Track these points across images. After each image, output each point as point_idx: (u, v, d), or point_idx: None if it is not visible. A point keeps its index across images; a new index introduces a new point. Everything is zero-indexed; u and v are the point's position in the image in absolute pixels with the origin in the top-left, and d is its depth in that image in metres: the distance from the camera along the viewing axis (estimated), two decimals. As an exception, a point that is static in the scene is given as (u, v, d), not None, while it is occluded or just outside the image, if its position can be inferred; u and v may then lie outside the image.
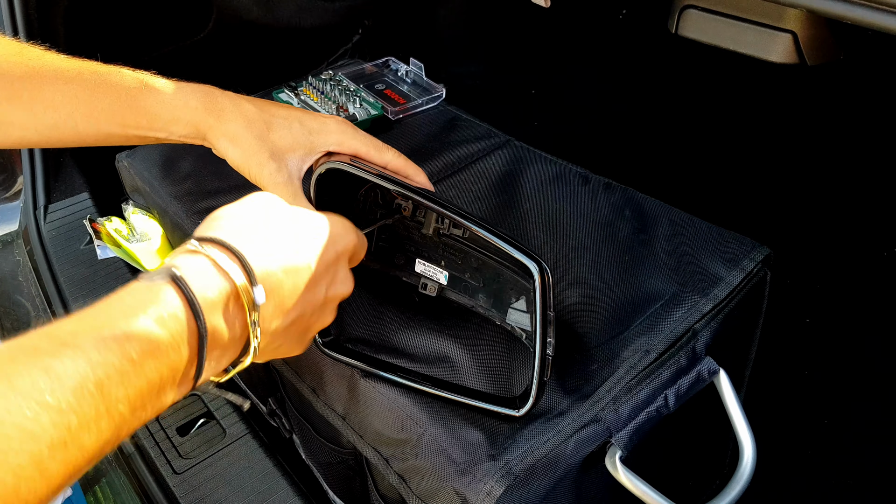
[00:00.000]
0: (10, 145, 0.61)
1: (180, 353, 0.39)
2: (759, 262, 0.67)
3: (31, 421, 0.32)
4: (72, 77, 0.59)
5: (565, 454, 0.53)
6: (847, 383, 0.97)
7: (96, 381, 0.34)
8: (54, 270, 1.02)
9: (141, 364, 0.37)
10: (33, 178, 1.12)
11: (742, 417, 0.61)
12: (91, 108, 0.59)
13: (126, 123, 0.60)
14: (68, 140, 0.61)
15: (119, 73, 0.60)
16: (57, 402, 0.33)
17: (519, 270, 0.59)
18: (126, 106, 0.59)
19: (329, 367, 0.62)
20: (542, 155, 0.83)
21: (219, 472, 0.79)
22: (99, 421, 0.35)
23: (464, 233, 0.62)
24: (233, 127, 0.60)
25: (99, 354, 0.35)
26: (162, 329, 0.38)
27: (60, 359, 0.34)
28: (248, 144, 0.59)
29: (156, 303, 0.39)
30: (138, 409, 0.37)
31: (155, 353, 0.37)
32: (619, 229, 0.71)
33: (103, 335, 0.36)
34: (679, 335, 0.60)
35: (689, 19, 0.68)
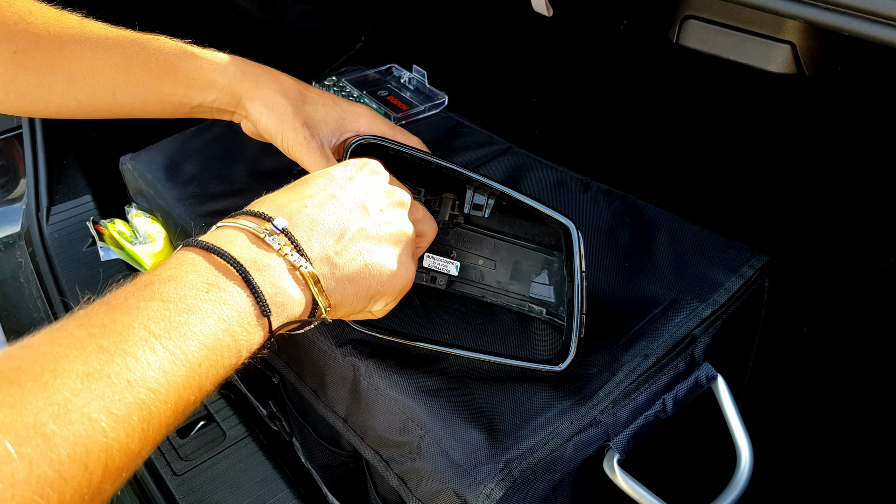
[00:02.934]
0: (49, 114, 0.62)
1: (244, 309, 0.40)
2: (757, 270, 0.67)
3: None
4: (111, 45, 0.60)
5: (564, 457, 0.53)
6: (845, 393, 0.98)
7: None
8: (56, 272, 1.02)
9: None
10: (36, 179, 1.12)
11: (740, 424, 0.61)
12: (130, 74, 0.60)
13: (163, 90, 0.61)
14: (106, 108, 0.62)
15: (158, 40, 0.61)
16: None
17: (542, 245, 0.62)
18: (164, 71, 0.60)
19: (331, 369, 0.63)
20: (543, 162, 0.84)
21: (218, 474, 0.79)
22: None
23: (483, 214, 0.63)
24: (269, 93, 0.61)
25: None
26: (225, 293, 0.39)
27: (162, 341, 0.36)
28: (284, 110, 0.60)
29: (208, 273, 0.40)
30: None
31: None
32: (619, 236, 0.72)
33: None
34: (678, 340, 0.61)
35: (689, 30, 0.69)
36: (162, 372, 0.35)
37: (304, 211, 0.46)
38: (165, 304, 0.37)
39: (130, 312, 0.36)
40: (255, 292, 0.40)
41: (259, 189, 0.59)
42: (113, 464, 0.32)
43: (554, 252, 0.63)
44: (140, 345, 0.35)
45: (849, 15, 0.50)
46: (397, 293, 0.52)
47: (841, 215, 0.96)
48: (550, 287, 0.63)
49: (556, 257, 0.63)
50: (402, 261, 0.51)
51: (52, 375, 0.32)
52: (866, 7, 0.48)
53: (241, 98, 0.61)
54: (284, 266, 0.43)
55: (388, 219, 0.51)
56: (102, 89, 0.60)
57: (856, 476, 0.94)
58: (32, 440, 0.29)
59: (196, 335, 0.37)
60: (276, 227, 0.43)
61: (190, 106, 0.62)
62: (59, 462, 0.30)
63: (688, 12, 0.68)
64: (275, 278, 0.42)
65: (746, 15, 0.63)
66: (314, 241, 0.45)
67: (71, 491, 0.30)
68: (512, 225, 0.65)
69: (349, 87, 0.99)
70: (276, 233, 0.43)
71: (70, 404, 0.31)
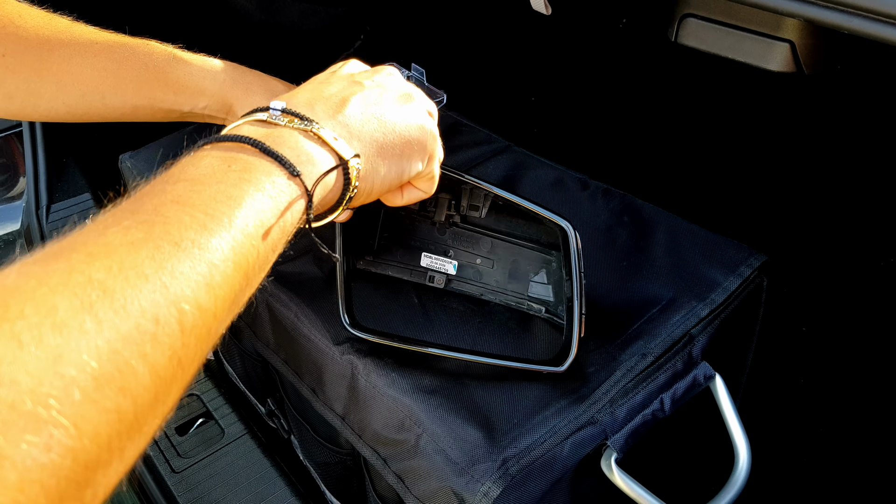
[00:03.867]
0: (38, 118, 0.62)
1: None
2: (756, 269, 0.67)
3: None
4: (101, 49, 0.60)
5: (562, 455, 0.53)
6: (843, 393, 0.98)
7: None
8: (55, 270, 1.02)
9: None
10: (36, 177, 1.12)
11: (738, 423, 0.61)
12: (119, 79, 0.60)
13: (153, 96, 0.60)
14: (95, 113, 0.61)
15: (147, 45, 0.61)
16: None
17: (540, 244, 0.62)
18: (154, 77, 0.60)
19: (329, 367, 0.63)
20: (541, 160, 0.84)
21: (217, 471, 0.80)
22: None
23: (480, 214, 0.63)
24: (259, 100, 0.60)
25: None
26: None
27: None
28: None
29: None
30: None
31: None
32: (617, 235, 0.72)
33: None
34: (676, 339, 0.61)
35: (688, 28, 0.68)
36: (207, 233, 0.34)
37: (297, 95, 0.47)
38: (191, 183, 0.37)
39: (157, 195, 0.35)
40: (275, 156, 0.40)
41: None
42: (188, 320, 0.31)
43: (552, 251, 0.63)
44: (177, 215, 0.34)
45: (848, 13, 0.50)
46: (426, 146, 0.51)
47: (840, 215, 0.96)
48: (549, 286, 0.63)
49: (554, 256, 0.63)
50: (414, 112, 0.51)
51: (95, 246, 0.31)
52: (865, 5, 0.48)
53: (232, 106, 0.61)
54: (297, 133, 0.43)
55: (383, 81, 0.51)
56: (91, 94, 0.60)
57: (854, 475, 0.94)
58: (93, 294, 0.28)
59: (231, 199, 0.36)
60: (276, 109, 0.43)
61: (180, 112, 0.62)
62: (127, 314, 0.29)
63: (686, 10, 0.68)
64: (292, 143, 0.42)
65: (745, 13, 0.63)
66: (317, 110, 0.45)
67: (150, 343, 0.29)
68: (509, 224, 0.65)
69: (348, 85, 0.99)
70: (278, 113, 0.43)
71: (122, 264, 0.30)
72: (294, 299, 0.66)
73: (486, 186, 0.60)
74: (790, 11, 0.52)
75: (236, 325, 0.78)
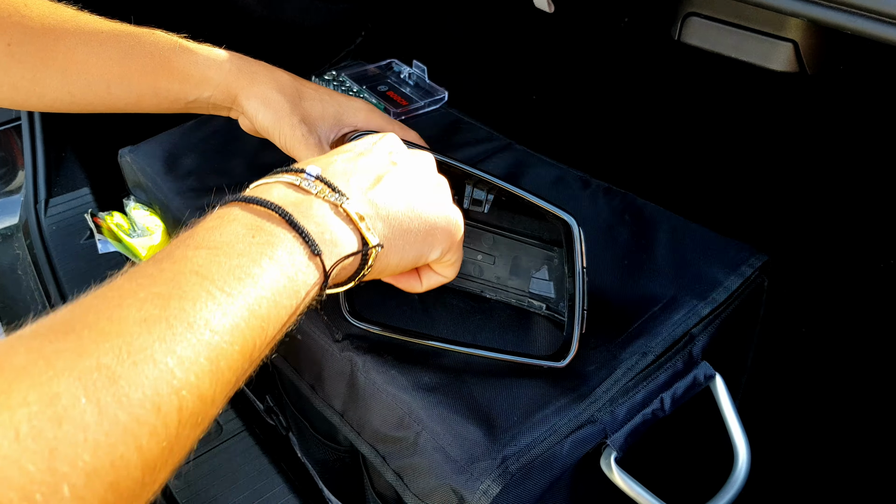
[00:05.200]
0: (43, 108, 0.61)
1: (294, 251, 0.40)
2: (757, 269, 0.67)
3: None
4: (107, 38, 0.60)
5: (561, 454, 0.53)
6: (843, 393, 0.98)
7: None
8: (54, 264, 1.02)
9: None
10: (35, 172, 1.12)
11: (737, 423, 0.61)
12: (125, 68, 0.60)
13: (158, 85, 0.60)
14: (100, 103, 0.61)
15: (153, 35, 0.61)
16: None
17: (542, 241, 0.63)
18: (159, 66, 0.60)
19: (328, 364, 0.63)
20: (542, 158, 0.84)
21: (214, 468, 0.79)
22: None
23: (483, 209, 0.63)
24: (265, 90, 0.60)
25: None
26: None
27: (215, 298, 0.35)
28: (280, 107, 0.60)
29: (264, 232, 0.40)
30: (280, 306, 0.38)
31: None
32: (618, 233, 0.72)
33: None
34: (676, 338, 0.60)
35: (691, 27, 0.68)
36: (221, 314, 0.34)
37: (335, 164, 0.46)
38: (213, 252, 0.37)
39: (178, 262, 0.36)
40: (300, 231, 0.40)
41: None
42: (187, 408, 0.32)
43: (554, 248, 0.63)
44: (194, 289, 0.34)
45: (851, 13, 0.49)
46: (450, 235, 0.51)
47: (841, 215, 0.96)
48: (550, 283, 0.63)
49: (556, 253, 0.63)
50: (443, 200, 0.51)
51: (108, 322, 0.31)
52: (868, 5, 0.48)
53: (238, 95, 0.61)
54: (326, 206, 0.42)
55: (419, 164, 0.51)
56: (97, 83, 0.60)
57: (853, 475, 0.94)
58: (98, 381, 0.28)
59: (250, 276, 0.36)
60: (311, 175, 0.43)
61: (185, 102, 0.62)
62: (130, 404, 0.29)
63: (690, 9, 0.68)
64: (319, 218, 0.42)
65: (749, 12, 0.62)
66: (351, 183, 0.45)
67: (147, 436, 0.29)
68: (511, 220, 0.65)
69: (349, 81, 0.99)
70: (312, 179, 0.43)
71: (131, 346, 0.30)
72: (294, 296, 0.66)
73: (491, 180, 0.60)
74: (793, 11, 0.52)
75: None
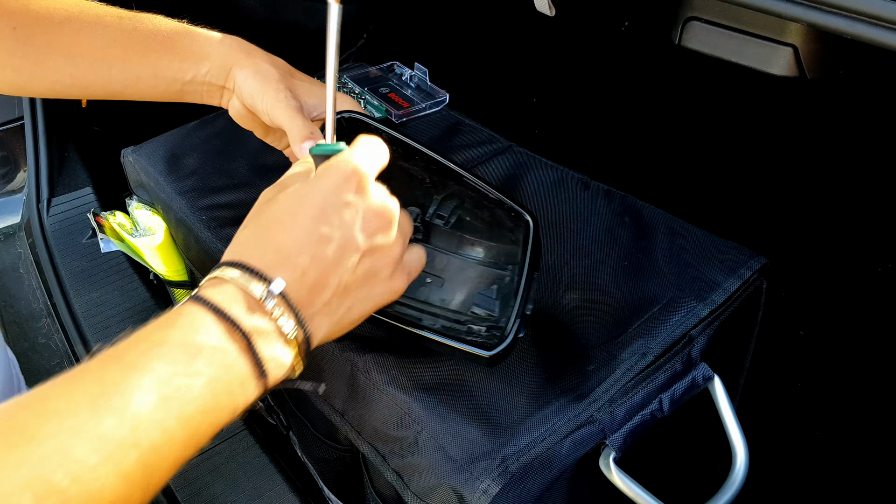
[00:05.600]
0: (42, 91, 0.63)
1: (232, 357, 0.41)
2: (755, 271, 0.68)
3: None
4: (109, 21, 0.61)
5: (561, 454, 0.53)
6: (840, 396, 0.98)
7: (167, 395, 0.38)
8: (56, 263, 1.02)
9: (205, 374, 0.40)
10: (37, 171, 1.12)
11: (735, 424, 0.61)
12: (126, 49, 0.61)
13: (158, 64, 0.62)
14: (99, 85, 0.63)
15: (155, 18, 0.63)
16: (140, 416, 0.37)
17: (496, 264, 0.62)
18: (160, 44, 0.61)
19: (328, 363, 0.63)
20: (543, 161, 0.84)
21: (215, 466, 0.80)
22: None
23: (446, 223, 0.64)
24: (259, 62, 0.62)
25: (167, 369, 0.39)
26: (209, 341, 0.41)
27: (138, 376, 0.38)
28: (270, 75, 0.61)
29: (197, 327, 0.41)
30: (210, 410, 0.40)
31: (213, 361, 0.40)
32: (618, 235, 0.72)
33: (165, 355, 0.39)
34: (675, 339, 0.61)
35: (692, 31, 0.69)
36: (165, 432, 0.37)
37: (298, 266, 0.44)
38: (174, 368, 0.39)
39: (141, 369, 0.38)
40: (257, 360, 0.42)
41: (260, 184, 0.59)
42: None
43: (507, 267, 0.63)
44: (147, 406, 0.37)
45: (851, 18, 0.50)
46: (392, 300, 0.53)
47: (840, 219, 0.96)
48: (496, 301, 0.61)
49: (509, 272, 0.63)
50: (399, 286, 0.51)
51: (54, 433, 0.34)
52: (868, 11, 0.49)
53: (232, 68, 0.62)
54: (277, 333, 0.43)
55: (381, 250, 0.48)
56: (98, 63, 0.61)
57: (852, 477, 0.94)
58: (49, 496, 0.32)
59: (199, 398, 0.39)
60: (273, 292, 0.43)
61: (183, 81, 0.63)
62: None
63: (690, 14, 0.68)
64: (272, 345, 0.43)
65: (749, 17, 0.63)
66: (316, 303, 0.45)
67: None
68: (470, 239, 0.64)
69: (351, 83, 0.99)
70: (275, 300, 0.43)
71: (80, 465, 0.34)
72: (295, 295, 0.67)
73: (454, 168, 0.59)
74: (793, 16, 0.53)
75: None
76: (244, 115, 0.64)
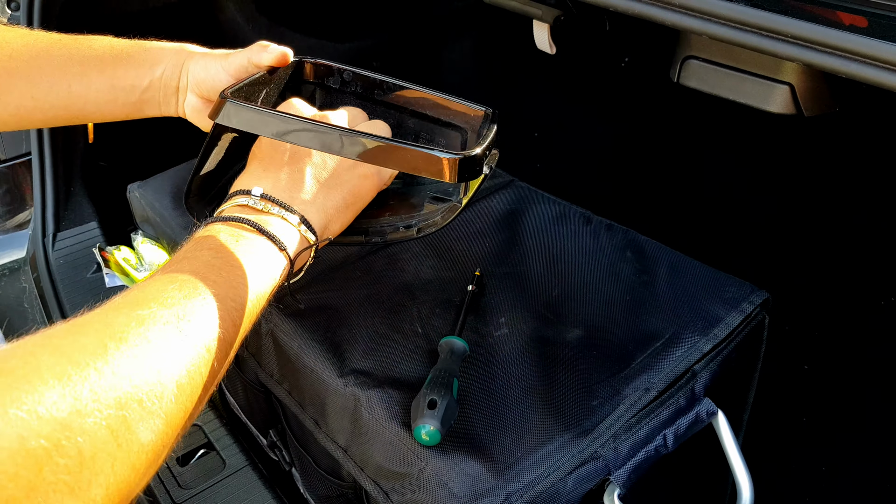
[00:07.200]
0: (6, 120, 0.66)
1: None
2: (757, 306, 0.68)
3: None
4: (66, 42, 0.65)
5: (565, 490, 0.53)
6: (845, 431, 0.98)
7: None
8: (60, 298, 1.02)
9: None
10: (43, 205, 1.13)
11: (740, 459, 0.61)
12: (83, 66, 0.64)
13: (115, 74, 0.65)
14: (60, 105, 0.65)
15: (108, 38, 0.67)
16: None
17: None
18: (115, 58, 0.65)
19: (332, 399, 0.63)
20: (545, 195, 0.85)
21: (217, 503, 0.79)
22: None
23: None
24: (212, 58, 0.66)
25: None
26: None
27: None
28: (219, 52, 0.66)
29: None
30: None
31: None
32: (620, 269, 0.72)
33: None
34: (679, 374, 0.61)
35: (690, 69, 0.70)
36: (233, 293, 0.48)
37: (271, 177, 0.57)
38: (216, 252, 0.49)
39: (193, 260, 0.48)
40: (269, 235, 0.53)
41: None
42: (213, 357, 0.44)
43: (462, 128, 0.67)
44: (210, 280, 0.46)
45: (846, 58, 0.51)
46: (374, 188, 0.62)
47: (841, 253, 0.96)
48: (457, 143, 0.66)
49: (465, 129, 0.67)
50: (363, 170, 0.60)
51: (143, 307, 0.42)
52: (863, 51, 0.50)
53: (185, 62, 0.65)
54: (276, 218, 0.55)
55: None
56: (59, 83, 0.64)
57: (857, 515, 0.93)
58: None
59: (245, 265, 0.50)
60: (256, 195, 0.55)
61: (141, 89, 0.65)
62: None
63: (688, 52, 0.69)
64: (275, 226, 0.54)
65: (746, 56, 0.64)
66: (294, 196, 0.56)
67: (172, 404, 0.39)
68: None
69: (355, 119, 1.00)
70: (258, 198, 0.55)
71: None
72: (298, 330, 0.67)
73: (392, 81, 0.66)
74: (790, 55, 0.54)
75: (240, 356, 0.78)
76: (200, 108, 0.67)
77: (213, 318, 0.44)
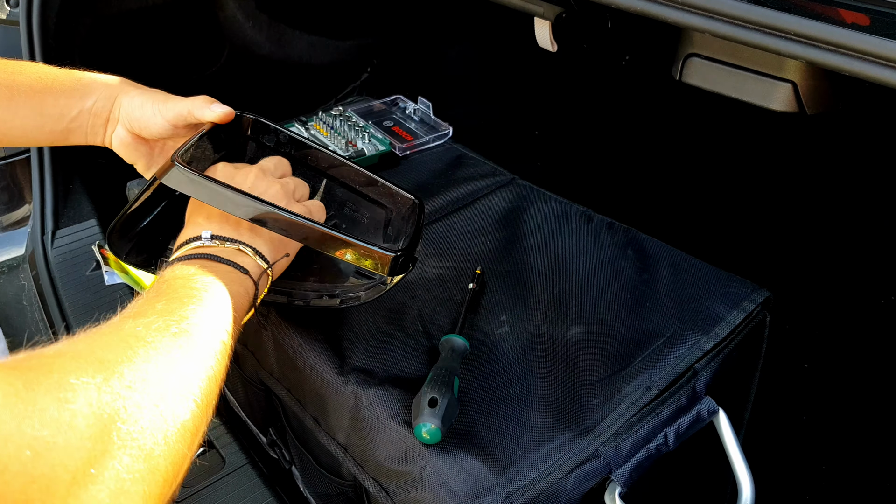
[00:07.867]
0: None
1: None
2: (759, 304, 0.68)
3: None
4: (26, 71, 0.65)
5: (566, 489, 0.53)
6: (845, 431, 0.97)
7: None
8: (59, 295, 1.02)
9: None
10: (42, 203, 1.13)
11: (741, 457, 0.61)
12: (11, 91, 0.64)
13: (44, 103, 0.65)
14: (14, 132, 0.65)
15: (40, 65, 0.67)
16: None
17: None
18: (45, 86, 0.65)
19: (332, 397, 0.63)
20: (545, 193, 0.85)
21: (217, 501, 0.79)
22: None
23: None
24: (144, 89, 0.67)
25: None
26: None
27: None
28: (155, 92, 0.67)
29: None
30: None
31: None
32: (621, 268, 0.72)
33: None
34: (680, 373, 0.61)
35: (692, 67, 0.70)
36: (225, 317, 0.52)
37: (214, 223, 0.60)
38: (189, 281, 0.53)
39: (170, 292, 0.51)
40: (232, 264, 0.56)
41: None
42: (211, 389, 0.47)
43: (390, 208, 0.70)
44: (208, 316, 0.50)
45: (848, 56, 0.51)
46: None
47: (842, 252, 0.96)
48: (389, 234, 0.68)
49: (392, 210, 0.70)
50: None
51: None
52: (865, 49, 0.49)
53: (118, 96, 0.66)
54: (230, 251, 0.58)
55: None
56: (13, 112, 0.64)
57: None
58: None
59: (224, 287, 0.53)
60: (205, 236, 0.58)
61: (69, 118, 0.65)
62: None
63: (690, 50, 0.69)
64: (231, 255, 0.58)
65: (748, 54, 0.64)
66: (240, 231, 0.59)
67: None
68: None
69: (355, 117, 1.00)
70: (209, 239, 0.58)
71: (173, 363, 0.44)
72: (298, 329, 0.67)
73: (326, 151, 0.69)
74: (792, 53, 0.54)
75: (239, 353, 0.78)
76: (129, 142, 0.67)
77: (216, 327, 0.50)
